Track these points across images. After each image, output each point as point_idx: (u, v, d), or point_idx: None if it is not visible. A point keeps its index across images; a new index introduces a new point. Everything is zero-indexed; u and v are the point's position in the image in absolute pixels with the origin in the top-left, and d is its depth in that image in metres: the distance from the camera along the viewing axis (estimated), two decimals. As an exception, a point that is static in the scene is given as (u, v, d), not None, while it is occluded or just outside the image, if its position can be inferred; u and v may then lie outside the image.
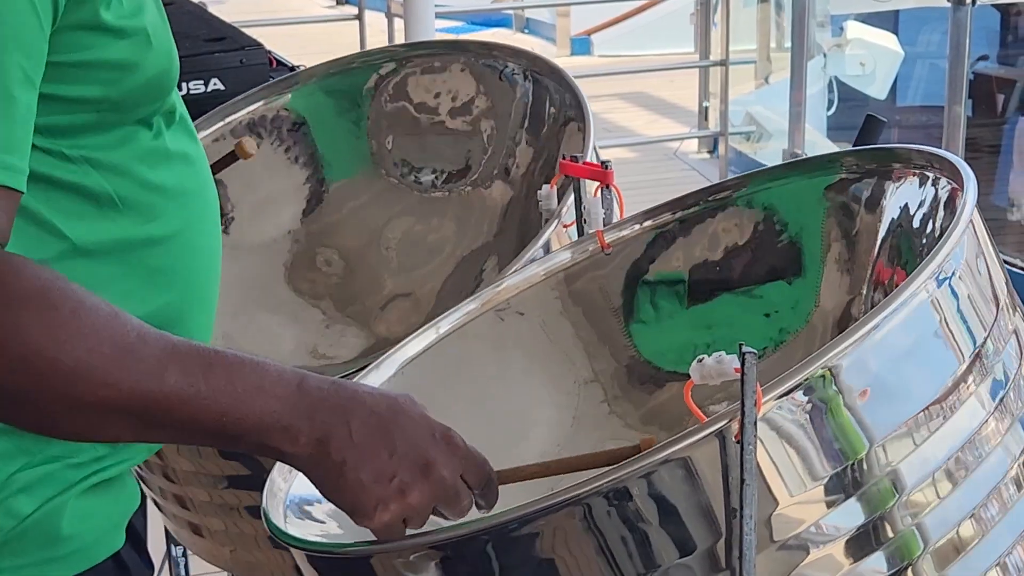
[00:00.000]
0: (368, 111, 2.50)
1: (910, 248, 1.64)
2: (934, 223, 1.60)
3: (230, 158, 2.21)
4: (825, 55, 8.26)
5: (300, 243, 2.49)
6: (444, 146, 2.44)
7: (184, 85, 3.34)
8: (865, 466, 1.28)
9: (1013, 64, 10.48)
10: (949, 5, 5.24)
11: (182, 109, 1.43)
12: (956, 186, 1.56)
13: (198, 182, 1.42)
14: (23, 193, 1.17)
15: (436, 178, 2.45)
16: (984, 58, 9.83)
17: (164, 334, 1.19)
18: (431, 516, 1.28)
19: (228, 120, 2.46)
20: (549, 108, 2.30)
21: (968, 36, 5.25)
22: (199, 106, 2.60)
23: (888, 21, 9.81)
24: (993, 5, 9.81)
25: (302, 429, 1.19)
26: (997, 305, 1.46)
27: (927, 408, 1.33)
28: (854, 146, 3.27)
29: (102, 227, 1.31)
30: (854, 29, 8.87)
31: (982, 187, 1.47)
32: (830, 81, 8.44)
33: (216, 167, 2.19)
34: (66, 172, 1.28)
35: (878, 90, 9.06)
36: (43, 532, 1.34)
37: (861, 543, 1.28)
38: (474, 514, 1.31)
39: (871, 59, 8.79)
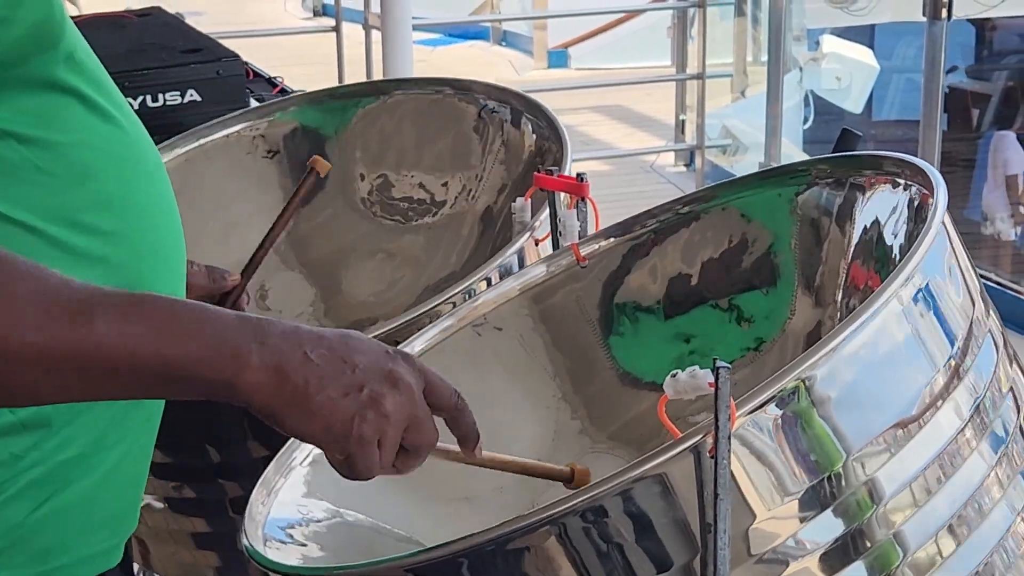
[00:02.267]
0: (343, 144, 2.50)
1: (884, 253, 1.65)
2: (906, 229, 1.60)
3: (310, 177, 2.17)
4: (801, 69, 8.29)
5: (267, 267, 2.49)
6: (418, 179, 2.45)
7: (161, 96, 3.33)
8: (842, 477, 1.28)
9: (988, 79, 10.53)
10: (925, 20, 5.27)
11: (96, 67, 1.38)
12: (926, 192, 1.56)
13: (126, 139, 1.37)
14: None
15: (408, 210, 2.46)
16: (954, 69, 9.87)
17: (89, 283, 1.14)
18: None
19: (202, 142, 2.45)
20: (526, 144, 2.32)
21: (944, 51, 5.27)
22: (175, 117, 2.59)
23: (864, 35, 9.85)
24: (968, 20, 9.86)
25: (252, 352, 1.13)
26: (973, 305, 1.46)
27: (903, 416, 1.33)
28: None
29: (31, 197, 1.26)
30: (830, 43, 8.90)
31: (956, 201, 1.48)
32: (806, 95, 8.47)
33: (299, 191, 2.16)
34: None
35: (854, 104, 9.09)
36: (34, 542, 1.31)
37: (839, 555, 1.28)
38: (457, 530, 1.30)
39: (847, 73, 8.82)
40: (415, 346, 1.75)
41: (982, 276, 1.54)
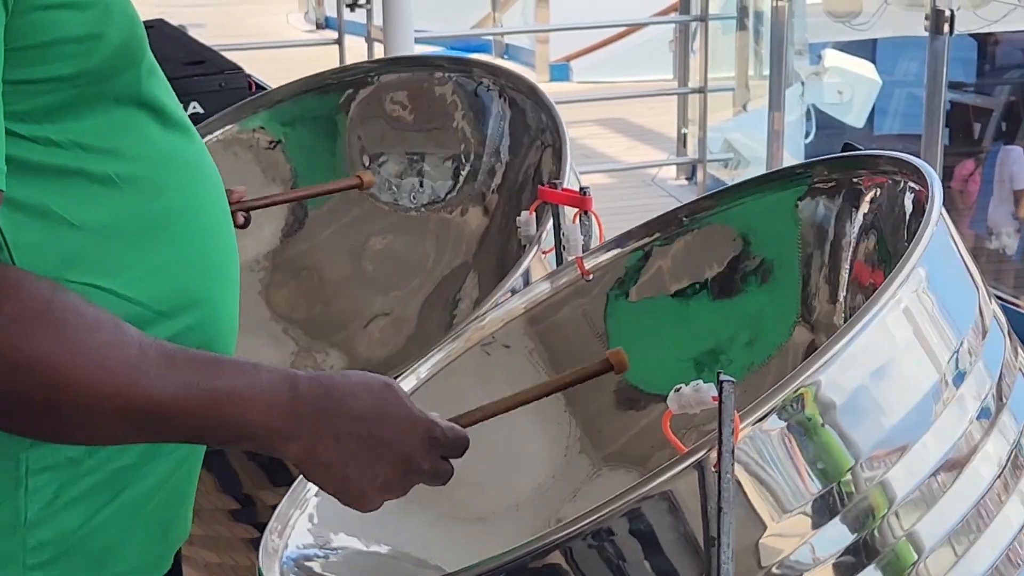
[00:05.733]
0: (344, 129, 2.48)
1: (886, 251, 1.65)
2: (905, 225, 1.60)
3: (352, 185, 2.24)
4: (803, 83, 8.29)
5: (279, 263, 2.47)
6: (421, 164, 2.43)
7: (164, 108, 3.32)
8: (852, 483, 1.27)
9: (990, 93, 10.54)
10: (927, 34, 5.27)
11: (165, 81, 1.43)
12: (922, 188, 1.56)
13: (196, 151, 1.43)
14: (3, 192, 1.18)
15: (414, 197, 2.43)
16: (955, 83, 9.87)
17: (160, 342, 1.24)
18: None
19: (203, 140, 2.44)
20: (526, 125, 2.29)
21: (946, 65, 5.27)
22: (178, 129, 2.58)
23: (866, 49, 9.86)
24: (971, 34, 9.87)
25: (292, 434, 1.27)
26: (977, 291, 1.46)
27: (910, 416, 1.32)
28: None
29: (108, 209, 1.30)
30: (832, 57, 8.91)
31: (959, 216, 1.48)
32: (808, 109, 8.47)
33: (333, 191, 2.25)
34: (61, 158, 1.26)
35: (855, 118, 9.10)
36: (90, 549, 1.35)
37: (853, 562, 1.27)
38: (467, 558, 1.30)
39: (849, 87, 8.83)
40: (420, 372, 1.75)
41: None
